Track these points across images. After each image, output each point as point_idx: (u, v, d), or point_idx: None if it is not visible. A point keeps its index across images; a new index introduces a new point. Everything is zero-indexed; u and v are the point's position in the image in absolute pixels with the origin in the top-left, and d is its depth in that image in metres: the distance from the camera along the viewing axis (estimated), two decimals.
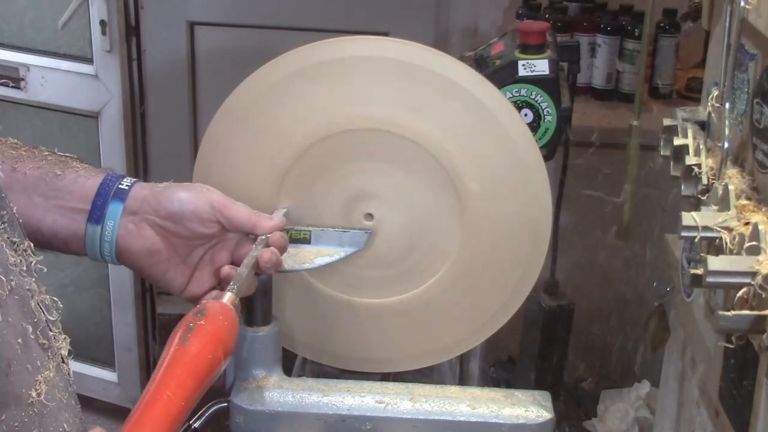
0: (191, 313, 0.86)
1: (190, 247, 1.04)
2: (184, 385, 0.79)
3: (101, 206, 1.00)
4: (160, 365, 0.81)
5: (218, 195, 1.03)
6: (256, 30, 2.94)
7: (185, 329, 0.83)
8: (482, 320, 1.15)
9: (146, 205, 1.01)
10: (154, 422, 0.76)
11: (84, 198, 1.00)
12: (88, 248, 1.01)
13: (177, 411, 0.77)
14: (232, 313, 0.89)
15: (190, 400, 0.79)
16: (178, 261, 1.04)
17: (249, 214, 1.04)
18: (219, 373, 0.84)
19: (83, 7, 2.44)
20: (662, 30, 2.38)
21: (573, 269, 2.28)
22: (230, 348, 0.86)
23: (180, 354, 0.81)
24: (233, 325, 0.88)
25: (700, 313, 1.22)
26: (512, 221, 1.11)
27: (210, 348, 0.83)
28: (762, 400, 0.97)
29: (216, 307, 0.87)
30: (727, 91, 1.08)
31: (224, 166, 1.12)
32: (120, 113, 2.52)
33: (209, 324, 0.84)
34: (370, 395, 1.09)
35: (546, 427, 1.08)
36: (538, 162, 1.10)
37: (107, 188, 1.01)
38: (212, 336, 0.84)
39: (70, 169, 1.01)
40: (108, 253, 1.01)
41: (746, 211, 0.98)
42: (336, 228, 1.12)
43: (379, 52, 1.09)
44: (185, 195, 1.02)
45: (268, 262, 1.02)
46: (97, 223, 1.00)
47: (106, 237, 1.00)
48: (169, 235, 1.02)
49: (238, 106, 1.11)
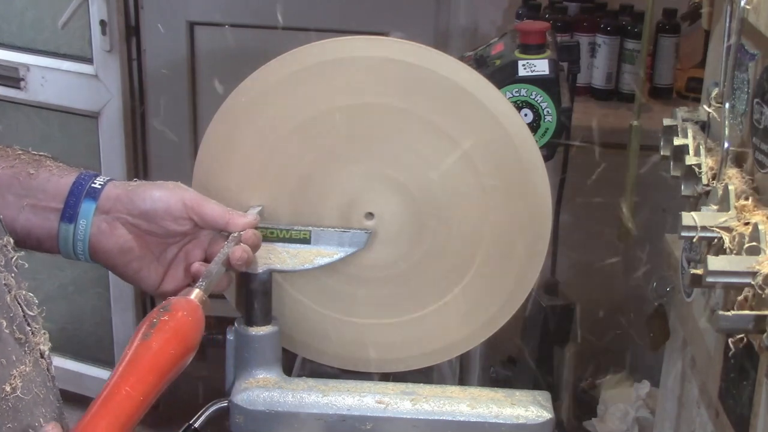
0: (156, 308, 0.86)
1: (163, 245, 1.05)
2: (144, 380, 0.79)
3: (74, 205, 1.00)
4: (122, 360, 0.81)
5: (191, 193, 1.04)
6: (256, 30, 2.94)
7: (148, 325, 0.83)
8: (482, 320, 1.15)
9: (119, 203, 1.02)
10: (111, 416, 0.75)
11: (57, 197, 1.00)
12: (62, 247, 1.01)
13: (135, 406, 0.77)
14: (197, 309, 0.89)
15: (149, 395, 0.79)
16: (151, 259, 1.04)
17: (222, 212, 1.04)
18: (181, 368, 0.84)
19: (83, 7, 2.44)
20: (662, 30, 2.38)
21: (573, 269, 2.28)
22: (193, 344, 0.86)
23: (142, 349, 0.81)
24: (197, 322, 0.88)
25: (700, 313, 1.22)
26: (512, 221, 1.11)
27: (172, 344, 0.83)
28: (762, 400, 0.97)
29: (181, 303, 0.88)
30: (727, 91, 1.08)
31: (224, 166, 1.12)
32: (120, 113, 2.53)
33: (172, 320, 0.84)
34: (370, 395, 1.09)
35: (546, 427, 1.08)
36: (538, 162, 1.10)
37: (80, 187, 1.01)
38: (175, 332, 0.84)
39: (43, 168, 1.01)
40: (81, 252, 1.02)
41: (746, 212, 0.98)
42: (336, 228, 1.12)
43: (379, 52, 1.09)
44: (158, 193, 1.02)
45: (239, 260, 1.02)
46: (70, 222, 1.00)
47: (79, 236, 1.01)
48: (142, 234, 1.03)
49: (238, 106, 1.11)
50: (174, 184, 1.04)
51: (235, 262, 1.02)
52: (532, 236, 1.12)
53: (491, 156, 1.09)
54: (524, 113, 1.32)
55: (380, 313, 1.16)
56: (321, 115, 1.10)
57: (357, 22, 2.83)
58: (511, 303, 1.14)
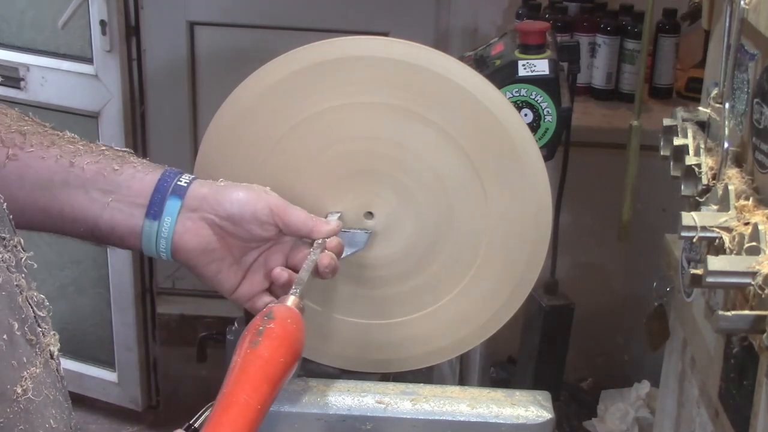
0: (259, 316, 0.85)
1: (245, 249, 1.04)
2: (260, 388, 0.78)
3: (159, 202, 0.99)
4: (232, 369, 0.80)
5: (276, 198, 1.03)
6: (256, 30, 2.94)
7: (255, 332, 0.82)
8: (482, 320, 1.15)
9: (205, 203, 1.01)
10: (232, 426, 0.75)
11: (142, 193, 0.99)
12: (144, 244, 1.00)
13: (254, 415, 0.77)
14: (299, 316, 0.88)
15: (266, 405, 0.78)
16: (231, 261, 1.03)
17: (306, 218, 1.03)
18: (289, 377, 0.83)
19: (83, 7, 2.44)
20: (662, 30, 2.38)
21: (573, 269, 2.28)
22: (299, 352, 0.85)
23: (252, 357, 0.80)
24: (301, 329, 0.87)
25: (700, 313, 1.22)
26: (512, 221, 1.11)
27: (281, 351, 0.82)
28: (762, 400, 0.97)
29: (283, 311, 0.87)
30: (727, 91, 1.08)
31: (224, 166, 1.12)
32: (120, 113, 2.53)
33: (279, 327, 0.84)
34: (370, 395, 1.09)
35: (546, 427, 1.08)
36: (538, 162, 1.10)
37: (166, 184, 1.00)
38: (282, 340, 0.83)
39: (127, 164, 1.01)
40: (164, 250, 1.00)
41: (746, 212, 0.98)
42: None
43: (379, 52, 1.09)
44: (245, 196, 1.01)
45: (327, 267, 1.02)
46: (155, 219, 0.99)
47: (163, 233, 0.99)
48: (226, 235, 1.02)
49: (238, 106, 1.11)
50: (259, 187, 1.03)
51: (323, 270, 1.01)
52: (532, 236, 1.12)
53: (491, 156, 1.09)
54: (524, 113, 1.32)
55: (380, 313, 1.16)
56: (321, 114, 1.10)
57: (357, 22, 2.83)
58: (511, 303, 1.14)
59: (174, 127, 3.04)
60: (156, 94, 2.78)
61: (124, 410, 2.85)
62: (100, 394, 2.85)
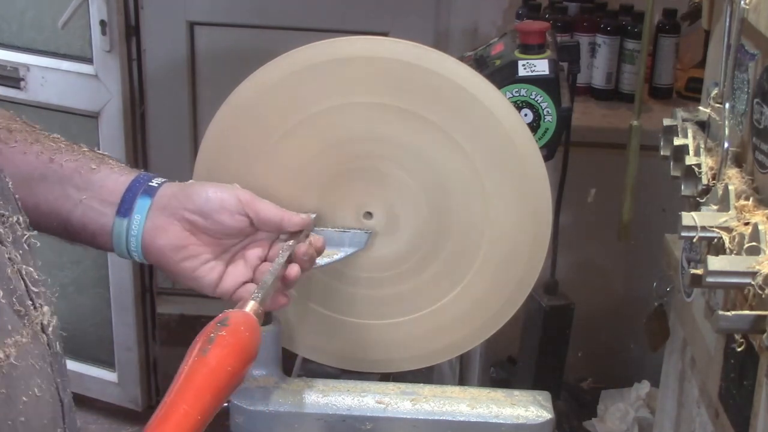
0: (213, 322, 0.85)
1: (220, 245, 1.04)
2: (202, 397, 0.78)
3: (130, 200, 1.01)
4: (179, 376, 0.79)
5: (244, 191, 1.04)
6: (256, 30, 2.94)
7: (205, 340, 0.82)
8: (482, 320, 1.15)
9: (174, 200, 1.02)
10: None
11: (114, 192, 1.01)
12: (115, 242, 1.01)
13: (193, 424, 0.76)
14: (255, 323, 0.88)
15: (207, 414, 0.78)
16: (208, 257, 1.04)
17: (277, 210, 1.04)
18: (239, 385, 0.83)
19: (83, 7, 2.44)
20: (662, 30, 2.38)
21: (573, 269, 2.28)
22: (251, 359, 0.84)
23: (199, 365, 0.80)
24: (255, 337, 0.86)
25: (700, 313, 1.22)
26: (512, 221, 1.11)
27: (230, 360, 0.81)
28: (762, 400, 0.97)
29: (238, 317, 0.86)
30: (727, 91, 1.08)
31: (224, 166, 1.12)
32: (120, 113, 2.52)
33: (230, 335, 0.83)
34: (370, 395, 1.09)
35: (546, 427, 1.08)
36: (538, 162, 1.10)
37: (138, 184, 1.02)
38: (233, 347, 0.82)
39: (105, 165, 1.02)
40: (134, 248, 1.01)
41: (746, 212, 0.98)
42: (336, 228, 1.12)
43: (379, 52, 1.09)
44: (213, 189, 1.03)
45: (305, 254, 1.02)
46: (125, 217, 1.00)
47: (133, 231, 1.00)
48: (197, 231, 1.02)
49: (238, 106, 1.11)
50: (229, 184, 1.05)
51: (300, 257, 1.02)
52: (532, 236, 1.12)
53: (491, 156, 1.09)
54: (524, 113, 1.32)
55: (380, 313, 1.16)
56: (321, 114, 1.10)
57: (357, 22, 2.83)
58: (511, 303, 1.14)
59: (174, 127, 3.04)
60: (156, 94, 2.78)
61: (124, 410, 2.85)
62: (100, 394, 2.85)
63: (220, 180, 1.08)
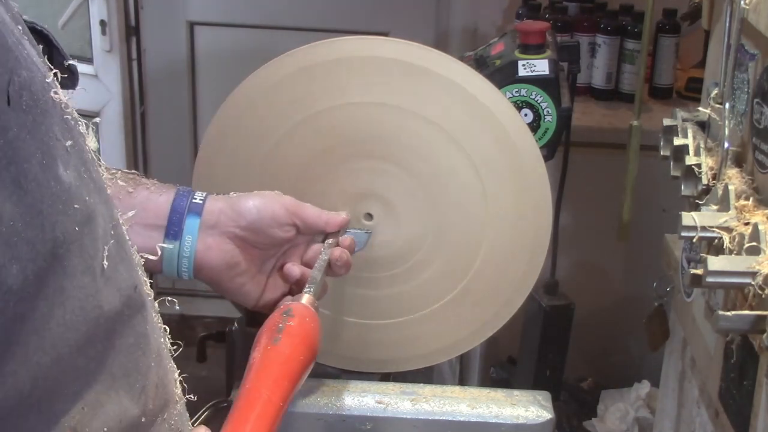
0: (277, 313, 0.85)
1: (264, 257, 1.03)
2: (281, 385, 0.78)
3: (178, 222, 0.98)
4: (252, 365, 0.79)
5: (288, 198, 1.03)
6: (256, 30, 2.94)
7: (275, 329, 0.82)
8: (482, 320, 1.15)
9: (224, 217, 1.00)
10: (256, 421, 0.75)
11: (159, 215, 0.98)
12: (165, 265, 0.99)
13: (276, 411, 0.77)
14: (315, 314, 0.89)
15: (287, 402, 0.78)
16: (255, 272, 1.03)
17: (320, 212, 1.04)
18: (306, 375, 0.84)
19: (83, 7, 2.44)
20: (662, 30, 2.38)
21: (573, 269, 2.28)
22: (317, 350, 0.85)
23: (273, 354, 0.80)
24: (318, 327, 0.87)
25: (700, 313, 1.22)
26: (512, 221, 1.11)
27: (301, 349, 0.82)
28: (762, 400, 0.97)
29: (301, 308, 0.87)
30: (727, 91, 1.08)
31: (225, 166, 1.12)
32: (120, 113, 2.53)
33: (298, 325, 0.84)
34: (370, 395, 1.09)
35: (546, 427, 1.08)
36: (538, 162, 1.10)
37: (182, 203, 0.99)
38: (302, 337, 0.83)
39: (140, 186, 0.99)
40: (186, 269, 0.99)
41: (746, 212, 0.98)
42: None
43: (379, 52, 1.09)
44: (261, 202, 1.01)
45: (339, 260, 1.02)
46: (175, 239, 0.98)
47: (185, 253, 0.98)
48: (247, 246, 1.01)
49: (238, 106, 1.11)
50: (268, 192, 1.03)
51: (335, 263, 1.02)
52: (532, 236, 1.12)
53: (491, 156, 1.09)
54: (524, 113, 1.32)
55: (380, 313, 1.16)
56: (321, 115, 1.10)
57: (357, 22, 2.83)
58: (511, 303, 1.14)
59: (174, 127, 3.04)
60: (156, 94, 2.78)
61: None
62: None
63: (220, 179, 1.08)
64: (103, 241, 0.58)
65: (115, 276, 0.60)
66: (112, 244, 0.59)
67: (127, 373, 0.63)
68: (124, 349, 0.62)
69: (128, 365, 0.63)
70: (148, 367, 0.66)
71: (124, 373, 0.63)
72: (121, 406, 0.62)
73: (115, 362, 0.62)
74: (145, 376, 0.65)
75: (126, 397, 0.63)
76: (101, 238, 0.58)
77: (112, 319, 0.60)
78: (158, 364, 0.68)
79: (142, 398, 0.65)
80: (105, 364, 0.60)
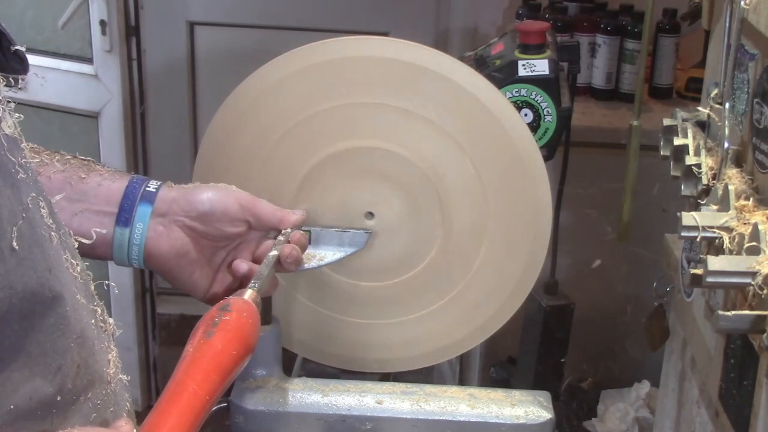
0: (215, 308, 0.86)
1: (214, 249, 1.04)
2: (210, 379, 0.78)
3: (129, 209, 0.99)
4: (184, 358, 0.80)
5: (244, 193, 1.03)
6: (256, 30, 2.94)
7: (209, 323, 0.82)
8: (482, 320, 1.15)
9: (175, 205, 1.00)
10: (180, 414, 0.74)
11: (111, 201, 0.99)
12: (115, 252, 1.00)
13: (202, 405, 0.77)
14: (255, 310, 0.88)
15: (214, 395, 0.78)
16: (204, 262, 1.03)
17: (274, 210, 1.04)
18: (240, 371, 0.84)
19: (83, 7, 2.44)
20: (662, 30, 2.38)
21: (573, 269, 2.28)
22: (253, 346, 0.85)
23: (205, 348, 0.80)
24: (256, 323, 0.87)
25: (700, 313, 1.22)
26: (512, 221, 1.11)
27: (234, 344, 0.82)
28: (762, 400, 0.97)
29: (240, 304, 0.87)
30: (727, 91, 1.08)
31: (224, 166, 1.12)
32: (120, 113, 2.52)
33: (234, 320, 0.84)
34: (370, 395, 1.09)
35: (546, 427, 1.08)
36: (538, 162, 1.10)
37: (134, 190, 1.00)
38: (236, 332, 0.83)
39: (93, 172, 1.00)
40: (136, 257, 1.00)
41: (746, 212, 0.98)
42: (336, 228, 1.12)
43: (379, 52, 1.09)
44: (214, 195, 1.02)
45: (289, 257, 1.02)
46: (126, 226, 0.99)
47: (135, 240, 0.99)
48: (197, 236, 1.02)
49: (238, 106, 1.11)
50: (224, 185, 1.04)
51: (284, 260, 1.02)
52: (531, 236, 1.12)
53: (491, 156, 1.09)
54: (524, 113, 1.32)
55: (380, 313, 1.16)
56: (321, 114, 1.10)
57: (357, 22, 2.83)
58: (511, 303, 1.14)
59: (174, 127, 3.04)
60: (156, 94, 2.78)
61: None
62: None
63: (220, 180, 1.08)
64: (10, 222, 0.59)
65: (30, 257, 0.62)
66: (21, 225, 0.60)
67: (44, 352, 0.64)
68: (43, 329, 0.64)
69: (46, 345, 0.64)
70: (67, 348, 0.67)
71: (42, 352, 0.64)
72: (33, 384, 0.63)
73: (33, 341, 0.63)
74: (63, 356, 0.67)
75: (39, 375, 0.64)
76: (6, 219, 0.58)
77: (29, 299, 0.61)
78: (81, 345, 0.69)
79: (58, 377, 0.66)
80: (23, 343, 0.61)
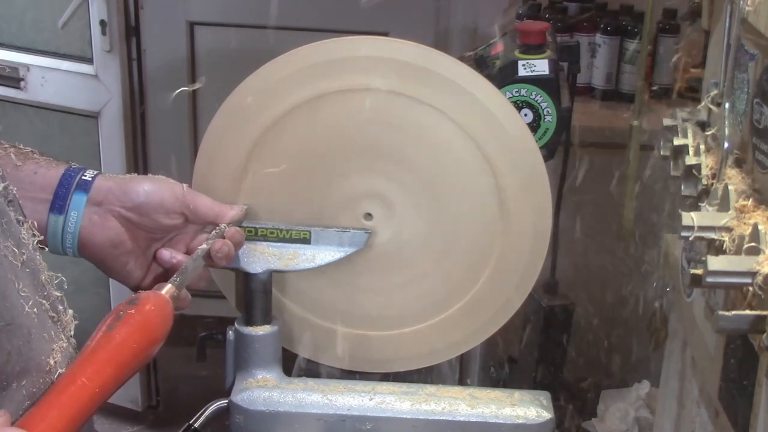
0: (124, 302, 0.85)
1: (150, 240, 1.04)
2: (102, 371, 0.78)
3: (64, 196, 0.99)
4: (82, 351, 0.79)
5: (182, 186, 1.04)
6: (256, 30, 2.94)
7: (114, 317, 0.82)
8: (482, 320, 1.15)
9: (111, 195, 1.01)
10: (63, 406, 0.74)
11: (45, 188, 0.99)
12: (49, 240, 1.00)
13: (89, 397, 0.76)
14: (166, 303, 0.88)
15: (106, 388, 0.78)
16: (138, 253, 1.04)
17: (212, 204, 1.05)
18: (144, 363, 0.83)
19: (83, 7, 2.44)
20: (662, 30, 2.38)
21: (573, 269, 2.28)
22: (158, 338, 0.85)
23: (104, 341, 0.80)
24: (165, 316, 0.87)
25: (700, 313, 1.22)
26: (512, 221, 1.11)
27: (135, 337, 0.81)
28: (762, 400, 0.97)
29: (149, 297, 0.86)
30: (727, 91, 1.08)
31: (224, 166, 1.12)
32: (120, 113, 2.52)
33: (138, 313, 0.83)
34: (370, 395, 1.09)
35: (546, 427, 1.08)
36: (538, 162, 1.10)
37: (70, 179, 1.00)
38: (140, 325, 0.83)
39: (30, 160, 1.00)
40: (70, 245, 1.00)
41: (746, 212, 0.98)
42: (336, 228, 1.12)
43: (379, 52, 1.09)
44: (151, 186, 1.02)
45: (219, 252, 1.02)
46: (60, 214, 0.99)
47: (69, 228, 0.99)
48: (132, 227, 1.02)
49: (238, 106, 1.11)
50: (162, 177, 1.04)
51: (214, 254, 1.02)
52: (532, 236, 1.12)
53: (491, 156, 1.09)
54: (524, 113, 1.32)
55: (380, 314, 1.16)
56: (321, 114, 1.10)
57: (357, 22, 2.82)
58: (511, 303, 1.14)
59: (174, 127, 3.04)
60: (156, 94, 2.78)
61: (124, 410, 2.85)
62: None
63: (220, 181, 1.08)
64: None
65: None
66: None
67: None
68: None
69: None
70: None
71: None
72: None
73: None
74: None
75: None
76: None
77: None
78: (11, 333, 0.69)
79: None
80: None
